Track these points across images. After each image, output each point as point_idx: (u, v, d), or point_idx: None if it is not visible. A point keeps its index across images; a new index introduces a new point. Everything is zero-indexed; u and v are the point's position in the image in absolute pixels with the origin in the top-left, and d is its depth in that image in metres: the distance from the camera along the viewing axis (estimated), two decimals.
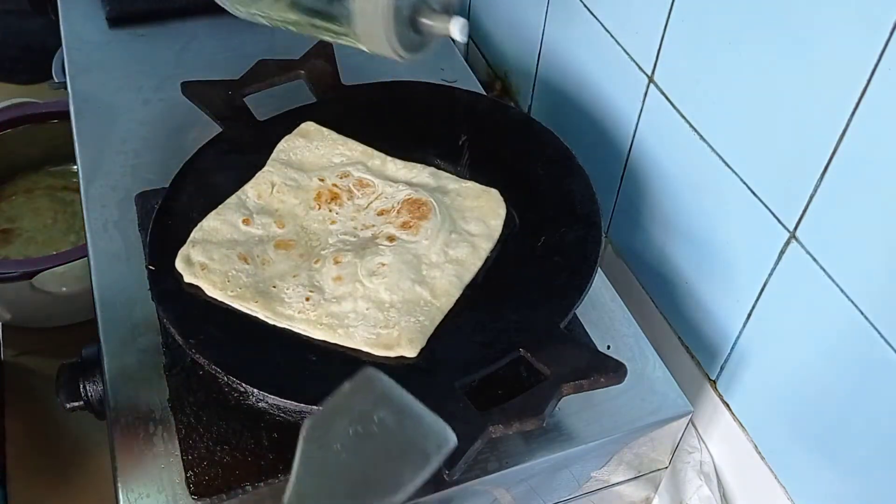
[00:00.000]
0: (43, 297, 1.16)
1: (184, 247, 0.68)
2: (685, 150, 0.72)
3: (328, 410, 0.49)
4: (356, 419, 0.48)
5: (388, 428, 0.48)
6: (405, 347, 0.63)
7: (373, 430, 0.48)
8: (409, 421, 0.48)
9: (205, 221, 0.70)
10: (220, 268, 0.67)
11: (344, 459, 0.47)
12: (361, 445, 0.48)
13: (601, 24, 0.80)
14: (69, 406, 0.69)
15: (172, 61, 0.98)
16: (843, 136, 0.55)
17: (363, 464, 0.47)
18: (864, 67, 0.51)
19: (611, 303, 0.74)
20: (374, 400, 0.49)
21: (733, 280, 0.70)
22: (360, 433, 0.48)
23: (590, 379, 0.58)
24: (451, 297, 0.67)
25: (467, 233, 0.72)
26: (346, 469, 0.47)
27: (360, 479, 0.47)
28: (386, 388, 0.49)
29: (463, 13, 1.13)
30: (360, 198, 0.74)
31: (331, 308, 0.65)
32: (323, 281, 0.67)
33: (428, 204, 0.72)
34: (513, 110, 0.82)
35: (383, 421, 0.48)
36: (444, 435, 0.48)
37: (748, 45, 0.62)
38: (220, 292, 0.66)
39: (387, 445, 0.48)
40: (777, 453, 0.69)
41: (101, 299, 0.72)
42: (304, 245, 0.71)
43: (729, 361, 0.73)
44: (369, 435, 0.48)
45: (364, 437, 0.48)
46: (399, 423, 0.48)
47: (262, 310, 0.65)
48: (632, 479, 0.72)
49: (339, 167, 0.76)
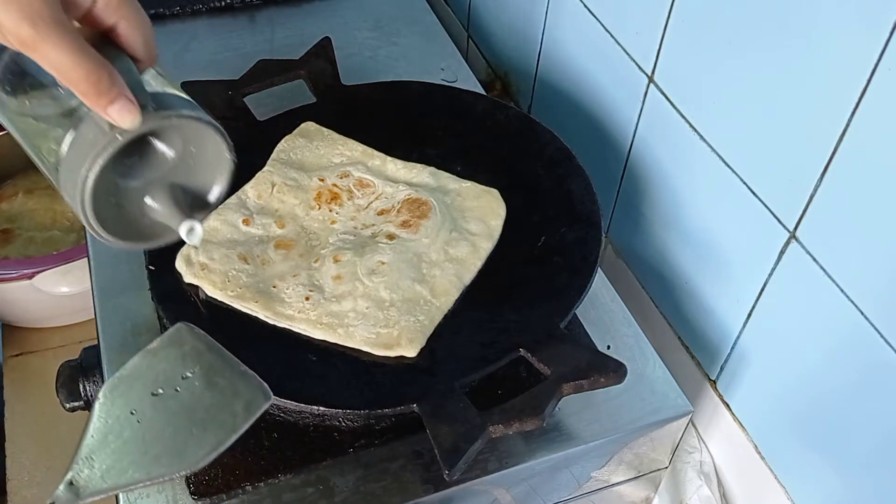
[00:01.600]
0: (43, 297, 1.16)
1: (184, 247, 0.68)
2: (685, 150, 0.72)
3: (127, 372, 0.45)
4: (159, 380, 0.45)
5: (194, 388, 0.44)
6: (405, 347, 0.63)
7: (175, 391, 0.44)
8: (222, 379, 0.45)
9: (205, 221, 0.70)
10: (220, 268, 0.67)
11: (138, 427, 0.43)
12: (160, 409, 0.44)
13: (601, 24, 0.80)
14: (69, 406, 0.69)
15: (172, 61, 0.98)
16: (843, 136, 0.55)
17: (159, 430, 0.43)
18: (864, 67, 0.51)
19: (611, 303, 0.74)
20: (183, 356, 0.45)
21: (733, 280, 0.70)
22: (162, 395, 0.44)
23: (590, 379, 0.58)
24: (450, 297, 0.67)
25: (468, 232, 0.72)
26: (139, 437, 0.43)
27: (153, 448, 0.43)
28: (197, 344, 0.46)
29: (462, 20, 1.13)
30: (360, 198, 0.74)
31: (331, 307, 0.65)
32: (323, 280, 0.67)
33: (428, 203, 0.72)
34: (513, 110, 0.82)
35: (190, 381, 0.44)
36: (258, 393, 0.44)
37: (748, 45, 0.62)
38: (220, 292, 0.66)
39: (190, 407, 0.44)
40: (777, 453, 0.69)
41: (101, 299, 0.72)
42: (304, 245, 0.71)
43: (729, 361, 0.73)
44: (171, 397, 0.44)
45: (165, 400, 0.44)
46: (209, 382, 0.45)
47: (263, 310, 0.65)
48: (632, 479, 0.72)
49: (340, 167, 0.76)
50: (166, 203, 0.48)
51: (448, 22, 1.12)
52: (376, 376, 0.62)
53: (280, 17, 1.04)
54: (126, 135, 0.43)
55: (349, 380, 0.62)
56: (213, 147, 0.48)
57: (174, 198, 0.49)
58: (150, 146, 0.47)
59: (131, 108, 0.42)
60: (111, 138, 0.43)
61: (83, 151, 0.44)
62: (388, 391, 0.60)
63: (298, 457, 0.61)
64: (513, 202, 0.74)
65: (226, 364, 0.45)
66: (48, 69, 0.41)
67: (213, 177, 0.50)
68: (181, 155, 0.48)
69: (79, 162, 0.44)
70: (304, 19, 1.05)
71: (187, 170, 0.49)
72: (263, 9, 1.05)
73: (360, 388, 0.61)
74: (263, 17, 1.05)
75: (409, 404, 0.58)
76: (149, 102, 0.44)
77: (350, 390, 0.61)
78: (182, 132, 0.47)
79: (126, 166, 0.47)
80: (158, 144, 0.48)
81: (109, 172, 0.44)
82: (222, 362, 0.46)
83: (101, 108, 0.42)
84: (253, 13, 1.05)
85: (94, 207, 0.45)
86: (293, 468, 0.61)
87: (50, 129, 0.46)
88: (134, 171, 0.47)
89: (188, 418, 0.44)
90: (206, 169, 0.49)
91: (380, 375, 0.62)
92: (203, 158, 0.49)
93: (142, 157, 0.47)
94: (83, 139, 0.44)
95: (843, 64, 0.53)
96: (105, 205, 0.45)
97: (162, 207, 0.48)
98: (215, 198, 0.50)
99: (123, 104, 0.42)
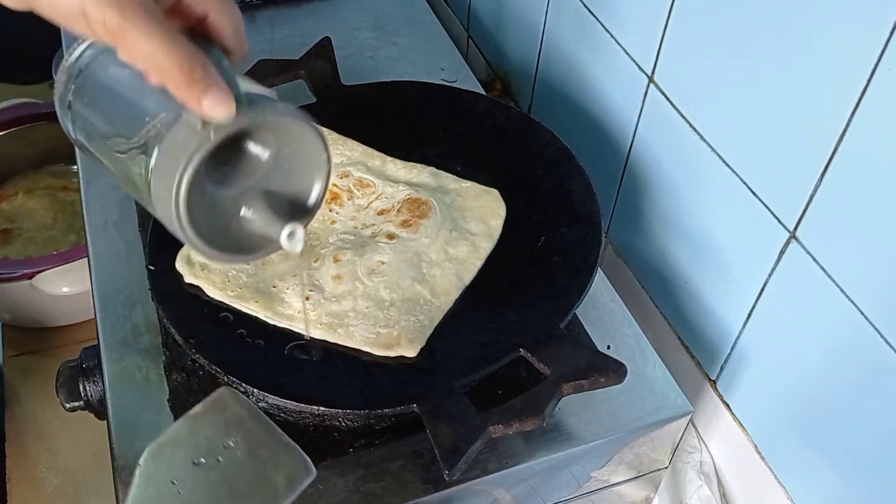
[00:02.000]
0: (43, 297, 1.16)
1: (184, 247, 0.68)
2: (685, 150, 0.72)
3: (169, 438, 0.44)
4: (202, 448, 0.43)
5: (236, 459, 0.43)
6: (405, 347, 0.63)
7: (217, 461, 0.43)
8: (264, 450, 0.43)
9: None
10: (220, 268, 0.67)
11: (178, 497, 0.42)
12: (202, 480, 0.42)
13: (601, 24, 0.80)
14: (69, 406, 0.69)
15: None
16: (843, 136, 0.55)
17: (198, 502, 0.42)
18: (864, 67, 0.51)
19: (611, 303, 0.74)
20: (226, 423, 0.44)
21: (733, 280, 0.70)
22: (204, 464, 0.43)
23: (590, 379, 0.58)
24: (450, 297, 0.67)
25: (468, 232, 0.72)
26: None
27: None
28: (240, 410, 0.44)
29: (462, 20, 1.13)
30: (360, 198, 0.74)
31: (330, 307, 0.65)
32: (323, 280, 0.67)
33: (428, 203, 0.72)
34: (513, 110, 0.82)
35: (232, 450, 0.43)
36: (300, 468, 0.43)
37: (748, 45, 0.62)
38: (220, 292, 0.66)
39: (232, 479, 0.42)
40: (777, 453, 0.69)
41: (101, 299, 0.72)
42: None
43: (729, 361, 0.73)
44: (213, 467, 0.43)
45: (207, 469, 0.43)
46: (251, 452, 0.43)
47: (263, 310, 0.65)
48: (632, 479, 0.72)
49: (340, 167, 0.76)
50: (263, 211, 0.46)
51: (448, 22, 1.12)
52: (376, 376, 0.62)
53: (280, 17, 1.04)
54: (220, 132, 0.40)
55: (349, 380, 0.62)
56: (310, 148, 0.46)
57: (270, 205, 0.46)
58: (243, 152, 0.45)
59: (225, 99, 0.40)
60: (204, 137, 0.40)
61: (174, 155, 0.41)
62: (388, 391, 0.60)
63: None
64: (513, 202, 0.74)
65: (268, 433, 0.44)
66: (135, 60, 0.39)
67: (310, 180, 0.47)
68: (275, 159, 0.45)
69: (171, 167, 0.41)
70: (304, 19, 1.05)
71: (282, 175, 0.46)
72: (263, 9, 1.05)
73: (360, 388, 0.61)
74: (263, 17, 1.05)
75: (409, 404, 0.58)
76: (242, 97, 0.41)
77: (350, 390, 0.61)
78: (276, 133, 0.45)
79: (219, 174, 0.44)
80: (252, 148, 0.45)
81: (202, 178, 0.42)
82: (264, 431, 0.44)
83: (195, 99, 0.39)
84: (253, 13, 1.05)
85: (189, 214, 0.41)
86: None
87: (136, 153, 0.43)
88: (227, 180, 0.45)
89: (229, 491, 0.42)
90: (301, 172, 0.47)
91: (380, 375, 0.62)
92: (298, 161, 0.46)
93: (234, 165, 0.45)
94: (172, 145, 0.41)
95: (843, 64, 0.53)
96: (199, 215, 0.42)
97: (259, 216, 0.46)
98: (314, 201, 0.48)
99: (217, 94, 0.39)
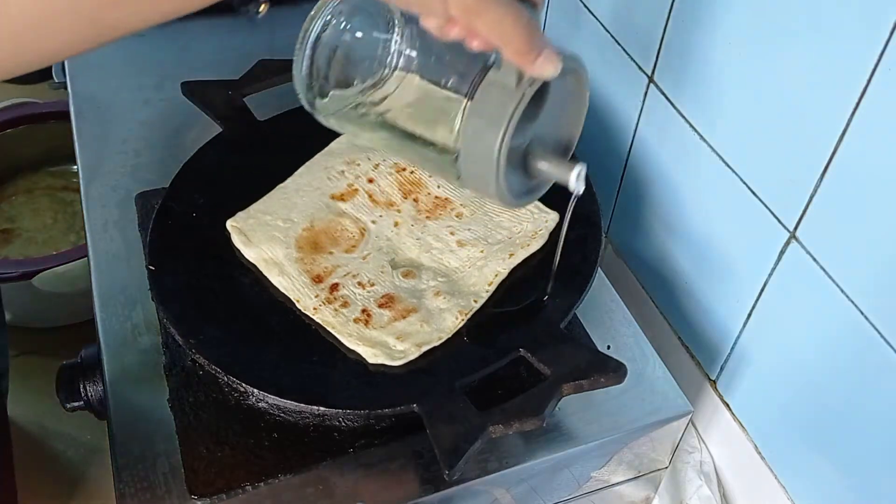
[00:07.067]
0: (43, 297, 1.16)
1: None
2: (685, 150, 0.72)
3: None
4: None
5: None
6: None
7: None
8: None
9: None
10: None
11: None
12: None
13: (601, 24, 0.80)
14: (69, 406, 0.69)
15: (172, 61, 0.98)
16: (843, 136, 0.55)
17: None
18: (864, 67, 0.51)
19: (611, 303, 0.74)
20: None
21: (733, 280, 0.70)
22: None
23: (590, 379, 0.58)
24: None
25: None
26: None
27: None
28: None
29: None
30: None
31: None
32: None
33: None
34: None
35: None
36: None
37: (748, 45, 0.62)
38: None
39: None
40: (777, 453, 0.69)
41: (101, 299, 0.72)
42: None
43: (729, 361, 0.73)
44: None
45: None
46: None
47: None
48: (632, 479, 0.72)
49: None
50: (549, 156, 0.50)
51: None
52: (376, 376, 0.62)
53: (280, 17, 1.04)
54: (535, 85, 0.44)
55: (349, 380, 0.62)
56: (577, 90, 0.51)
57: (551, 149, 0.50)
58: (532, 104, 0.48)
59: (555, 58, 0.43)
60: (519, 94, 0.44)
61: (491, 114, 0.45)
62: (388, 391, 0.60)
63: (298, 457, 0.61)
64: None
65: None
66: (487, 33, 0.41)
67: (574, 120, 0.52)
68: (550, 106, 0.49)
69: (490, 125, 0.45)
70: (303, 19, 1.04)
71: (554, 119, 0.50)
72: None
73: (360, 388, 0.61)
74: (263, 17, 1.05)
75: (409, 404, 0.58)
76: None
77: (350, 390, 0.61)
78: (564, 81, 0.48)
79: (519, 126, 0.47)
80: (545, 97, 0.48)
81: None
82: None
83: (529, 62, 0.42)
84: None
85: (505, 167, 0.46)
86: (293, 468, 0.61)
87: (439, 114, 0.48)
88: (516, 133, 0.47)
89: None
90: (567, 114, 0.52)
91: (380, 375, 0.62)
92: (567, 104, 0.51)
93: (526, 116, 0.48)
94: (486, 105, 0.45)
95: (843, 64, 0.53)
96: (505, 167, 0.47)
97: (547, 162, 0.50)
98: (575, 140, 0.53)
99: (549, 54, 0.42)
